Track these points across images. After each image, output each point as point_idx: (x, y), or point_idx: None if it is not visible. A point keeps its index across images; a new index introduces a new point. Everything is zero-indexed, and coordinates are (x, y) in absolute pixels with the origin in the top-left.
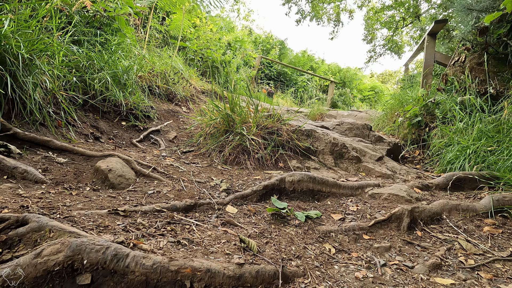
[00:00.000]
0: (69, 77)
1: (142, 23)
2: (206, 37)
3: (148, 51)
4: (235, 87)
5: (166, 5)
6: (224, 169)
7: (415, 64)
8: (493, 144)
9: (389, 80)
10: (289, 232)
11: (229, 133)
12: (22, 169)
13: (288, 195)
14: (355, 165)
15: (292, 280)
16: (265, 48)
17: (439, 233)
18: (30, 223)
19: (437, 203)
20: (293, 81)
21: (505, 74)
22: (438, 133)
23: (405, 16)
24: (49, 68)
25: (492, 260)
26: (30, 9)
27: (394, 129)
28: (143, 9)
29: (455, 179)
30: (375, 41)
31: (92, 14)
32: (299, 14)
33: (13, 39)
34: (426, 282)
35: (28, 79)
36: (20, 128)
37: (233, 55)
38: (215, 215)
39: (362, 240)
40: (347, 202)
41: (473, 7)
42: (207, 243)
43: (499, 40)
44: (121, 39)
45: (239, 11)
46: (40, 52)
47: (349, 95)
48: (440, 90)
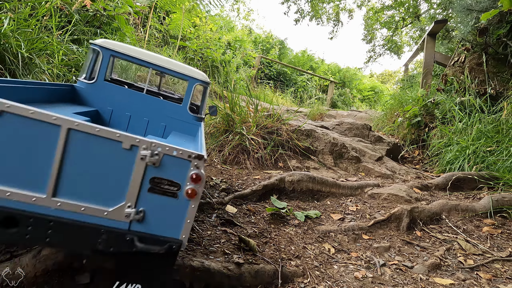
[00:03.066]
0: (69, 76)
1: (142, 22)
2: (206, 36)
3: (148, 50)
4: (235, 87)
5: (166, 4)
6: (223, 168)
7: (415, 64)
8: (493, 145)
9: (388, 80)
10: (289, 232)
11: (229, 133)
12: None
13: (287, 194)
14: (354, 165)
15: (291, 280)
16: (265, 47)
17: (438, 233)
18: None
19: (437, 203)
20: (292, 81)
21: (504, 75)
22: (438, 133)
23: (404, 16)
24: (48, 67)
25: (491, 260)
26: (30, 8)
27: (393, 129)
28: (143, 8)
29: (455, 179)
30: (375, 41)
31: (91, 13)
32: (298, 13)
33: (13, 38)
34: (426, 282)
35: (27, 78)
36: None
37: (233, 54)
38: (215, 214)
39: (362, 240)
40: (347, 202)
41: (472, 7)
42: (206, 242)
43: (499, 41)
44: (121, 38)
45: (239, 11)
46: (40, 51)
47: (349, 95)
48: (440, 90)
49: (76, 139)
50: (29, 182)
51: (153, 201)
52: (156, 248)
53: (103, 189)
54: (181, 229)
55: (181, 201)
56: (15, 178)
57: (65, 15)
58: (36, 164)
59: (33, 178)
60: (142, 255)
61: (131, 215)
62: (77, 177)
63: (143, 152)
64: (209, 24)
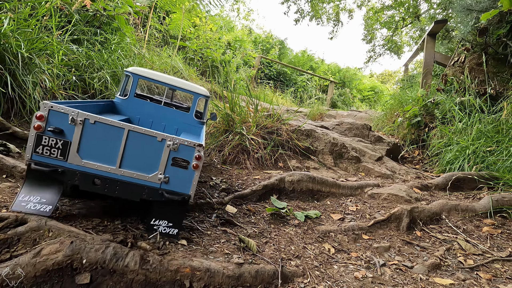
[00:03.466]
0: (69, 76)
1: (142, 22)
2: (205, 36)
3: (148, 51)
4: (235, 87)
5: (166, 4)
6: (223, 168)
7: (415, 64)
8: (493, 145)
9: (388, 80)
10: (289, 232)
11: (229, 133)
12: (21, 168)
13: (287, 194)
14: (354, 165)
15: (291, 280)
16: (264, 47)
17: (438, 233)
18: (29, 223)
19: (437, 203)
20: (292, 81)
21: (504, 75)
22: (438, 133)
23: (404, 16)
24: (48, 67)
25: (491, 260)
26: (30, 8)
27: (393, 129)
28: (143, 8)
29: (455, 179)
30: (375, 41)
31: (91, 13)
32: (298, 13)
33: (13, 38)
34: (425, 282)
35: (27, 78)
36: (19, 127)
37: (233, 54)
38: (215, 214)
39: (362, 240)
40: (347, 202)
41: (472, 7)
42: (206, 242)
43: (499, 41)
44: (120, 38)
45: (239, 11)
46: (40, 51)
47: (349, 95)
48: (440, 90)
49: (132, 135)
50: (107, 159)
51: (174, 171)
52: (175, 197)
53: (146, 164)
54: (190, 187)
55: (189, 171)
56: (99, 157)
57: (65, 15)
58: (111, 149)
59: (109, 157)
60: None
61: (161, 179)
62: (132, 156)
63: (168, 143)
64: (209, 24)
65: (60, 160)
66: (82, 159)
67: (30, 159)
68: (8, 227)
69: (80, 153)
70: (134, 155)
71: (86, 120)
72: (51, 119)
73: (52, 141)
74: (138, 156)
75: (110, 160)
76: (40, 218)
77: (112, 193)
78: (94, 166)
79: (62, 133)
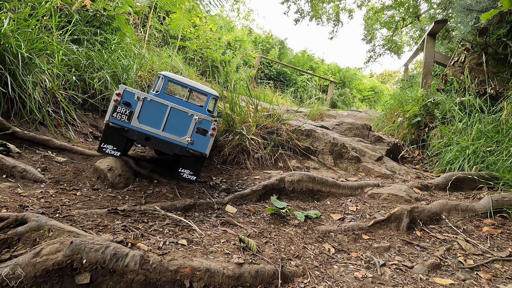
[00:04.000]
0: (69, 76)
1: (142, 22)
2: (205, 36)
3: (148, 51)
4: (235, 87)
5: (166, 4)
6: (223, 168)
7: (415, 64)
8: (493, 145)
9: (388, 80)
10: (289, 232)
11: (229, 133)
12: (21, 168)
13: (287, 194)
14: (354, 165)
15: (291, 280)
16: (264, 47)
17: (438, 233)
18: (29, 222)
19: (437, 203)
20: (292, 81)
21: (504, 75)
22: (438, 133)
23: (404, 16)
24: (48, 67)
25: (491, 260)
26: (30, 8)
27: (393, 129)
28: (143, 8)
29: (455, 179)
30: (375, 41)
31: (91, 13)
32: (298, 13)
33: (13, 38)
34: (425, 282)
35: (27, 78)
36: (19, 127)
37: (233, 54)
38: (215, 214)
39: (362, 240)
40: (347, 202)
41: (472, 7)
42: (206, 242)
43: (499, 41)
44: (120, 38)
45: (239, 11)
46: (40, 51)
47: (349, 95)
48: (440, 90)
49: (173, 111)
50: (155, 125)
51: (197, 136)
52: (197, 153)
53: (180, 130)
54: (206, 148)
55: (207, 137)
56: (151, 123)
57: (65, 15)
58: (158, 118)
59: (157, 123)
60: (192, 157)
61: (189, 141)
62: (171, 124)
63: (195, 117)
64: (209, 24)
65: (126, 122)
66: (140, 123)
67: (108, 120)
68: (8, 227)
69: (139, 119)
70: (172, 123)
71: (145, 98)
72: (124, 95)
73: (123, 110)
74: (175, 124)
75: (157, 125)
76: (40, 218)
77: (156, 146)
78: (147, 128)
79: (129, 105)
